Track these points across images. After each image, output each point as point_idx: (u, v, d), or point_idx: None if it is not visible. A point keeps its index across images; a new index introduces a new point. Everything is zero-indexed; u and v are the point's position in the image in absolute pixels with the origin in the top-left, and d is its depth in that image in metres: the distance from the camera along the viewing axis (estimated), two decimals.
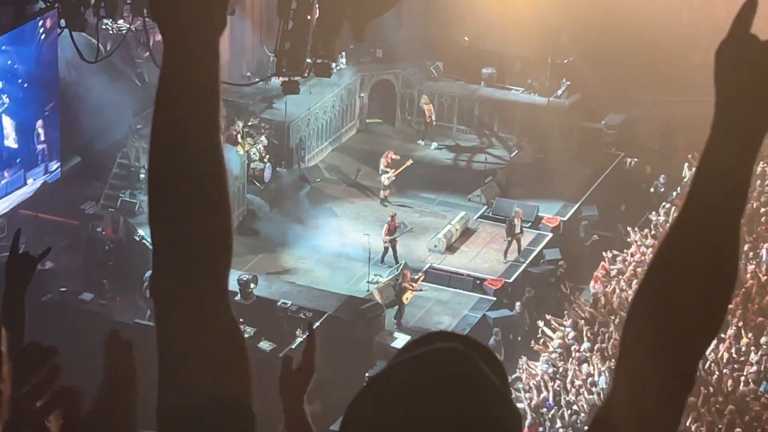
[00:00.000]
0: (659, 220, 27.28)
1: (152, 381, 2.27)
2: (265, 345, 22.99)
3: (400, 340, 24.14)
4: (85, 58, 19.82)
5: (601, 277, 25.33)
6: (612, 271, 25.46)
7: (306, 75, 20.52)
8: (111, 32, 24.68)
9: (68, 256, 25.08)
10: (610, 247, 26.61)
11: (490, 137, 33.47)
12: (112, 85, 27.37)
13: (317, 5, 19.23)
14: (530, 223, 28.67)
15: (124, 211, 26.88)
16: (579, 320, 23.46)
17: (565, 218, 29.38)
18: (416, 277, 26.19)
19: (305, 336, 4.12)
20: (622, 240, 27.10)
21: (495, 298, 26.23)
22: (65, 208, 26.51)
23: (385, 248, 27.45)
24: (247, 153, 29.02)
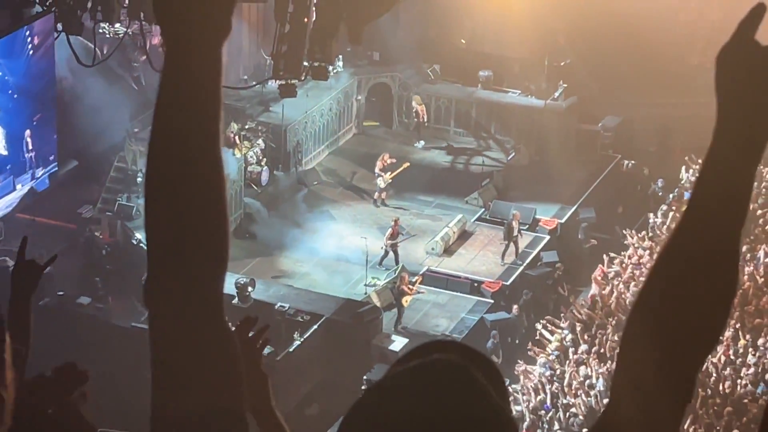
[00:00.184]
0: (656, 222, 27.29)
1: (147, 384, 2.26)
2: None
3: (398, 343, 24.13)
4: (82, 62, 19.82)
5: (600, 280, 25.33)
6: (609, 274, 25.46)
7: (303, 78, 20.51)
8: (108, 36, 24.67)
9: (65, 260, 25.02)
10: (607, 250, 26.61)
11: (488, 140, 33.47)
12: (109, 89, 27.38)
13: (314, 8, 19.21)
14: (527, 226, 28.68)
15: (122, 215, 26.86)
16: (576, 323, 23.46)
17: (563, 221, 29.38)
18: (414, 280, 26.18)
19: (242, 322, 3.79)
20: (620, 242, 27.10)
21: (492, 301, 26.24)
22: (62, 212, 26.49)
23: (385, 252, 27.43)
24: (244, 156, 29.01)
